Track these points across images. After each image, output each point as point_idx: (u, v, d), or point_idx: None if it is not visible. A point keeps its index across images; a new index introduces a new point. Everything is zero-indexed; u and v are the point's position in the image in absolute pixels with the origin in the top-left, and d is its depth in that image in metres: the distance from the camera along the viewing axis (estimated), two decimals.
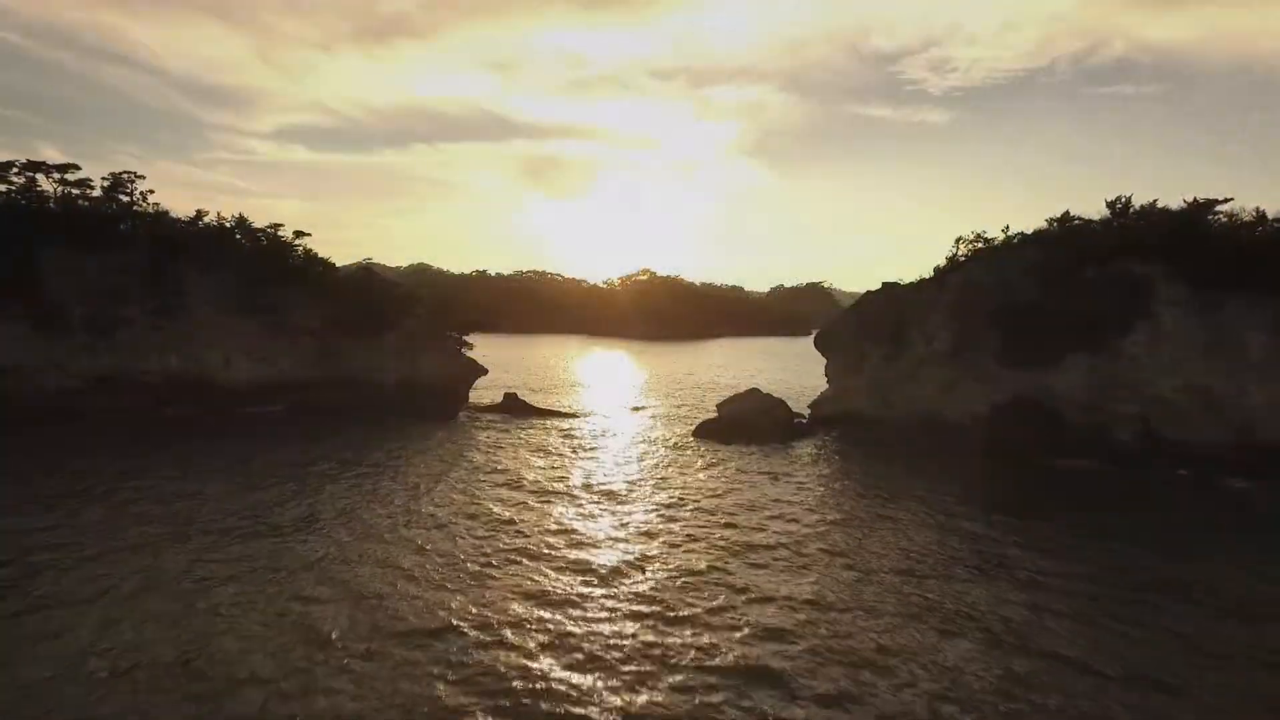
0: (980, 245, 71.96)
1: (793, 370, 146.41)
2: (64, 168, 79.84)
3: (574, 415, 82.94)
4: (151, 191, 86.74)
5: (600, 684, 24.66)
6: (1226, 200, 58.30)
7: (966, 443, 64.49)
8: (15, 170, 78.18)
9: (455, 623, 28.77)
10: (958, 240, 73.19)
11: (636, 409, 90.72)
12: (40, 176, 79.07)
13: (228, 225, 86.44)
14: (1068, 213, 65.02)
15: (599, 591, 31.86)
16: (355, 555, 35.96)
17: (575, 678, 25.01)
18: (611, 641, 27.44)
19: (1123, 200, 63.00)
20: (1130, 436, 59.14)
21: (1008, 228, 70.58)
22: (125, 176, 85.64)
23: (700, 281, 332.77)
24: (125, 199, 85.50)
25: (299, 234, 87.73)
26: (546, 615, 29.73)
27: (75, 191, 79.93)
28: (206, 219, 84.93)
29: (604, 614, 29.77)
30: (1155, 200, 63.62)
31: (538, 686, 24.40)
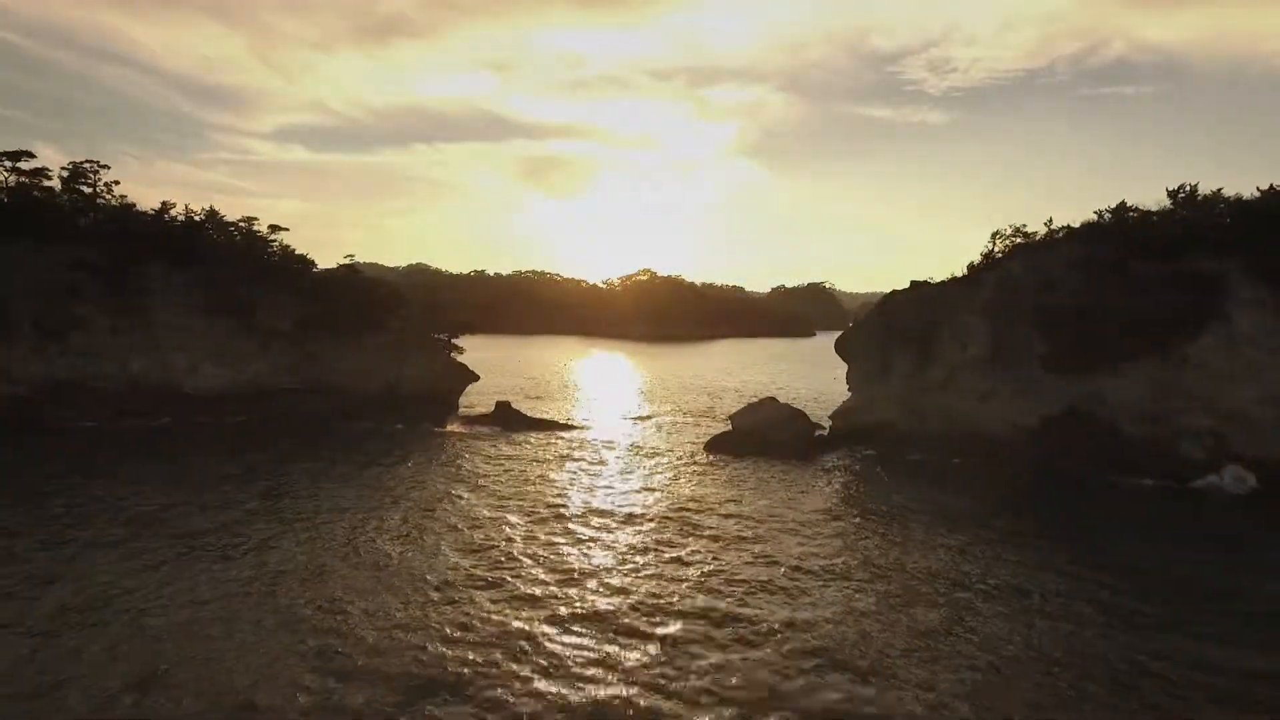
0: (1020, 240, 65.39)
1: (801, 374, 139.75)
2: (16, 155, 73.24)
3: (572, 427, 76.27)
4: (117, 183, 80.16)
5: None
6: None
7: (1010, 458, 57.95)
8: None
9: None
10: (994, 235, 66.58)
11: (640, 418, 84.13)
12: None
13: (198, 219, 79.89)
14: (1124, 203, 58.40)
15: (618, 694, 24.43)
16: (322, 617, 29.38)
17: None
18: None
19: (1185, 189, 56.44)
20: (1200, 452, 52.60)
21: (1050, 221, 64.08)
22: (86, 166, 79.07)
23: (701, 282, 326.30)
24: (87, 190, 79.08)
25: (275, 228, 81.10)
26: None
27: (28, 181, 73.36)
28: (174, 211, 78.41)
29: None
30: (1220, 189, 57.19)
31: None
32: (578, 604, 30.72)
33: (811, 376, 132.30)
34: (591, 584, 33.00)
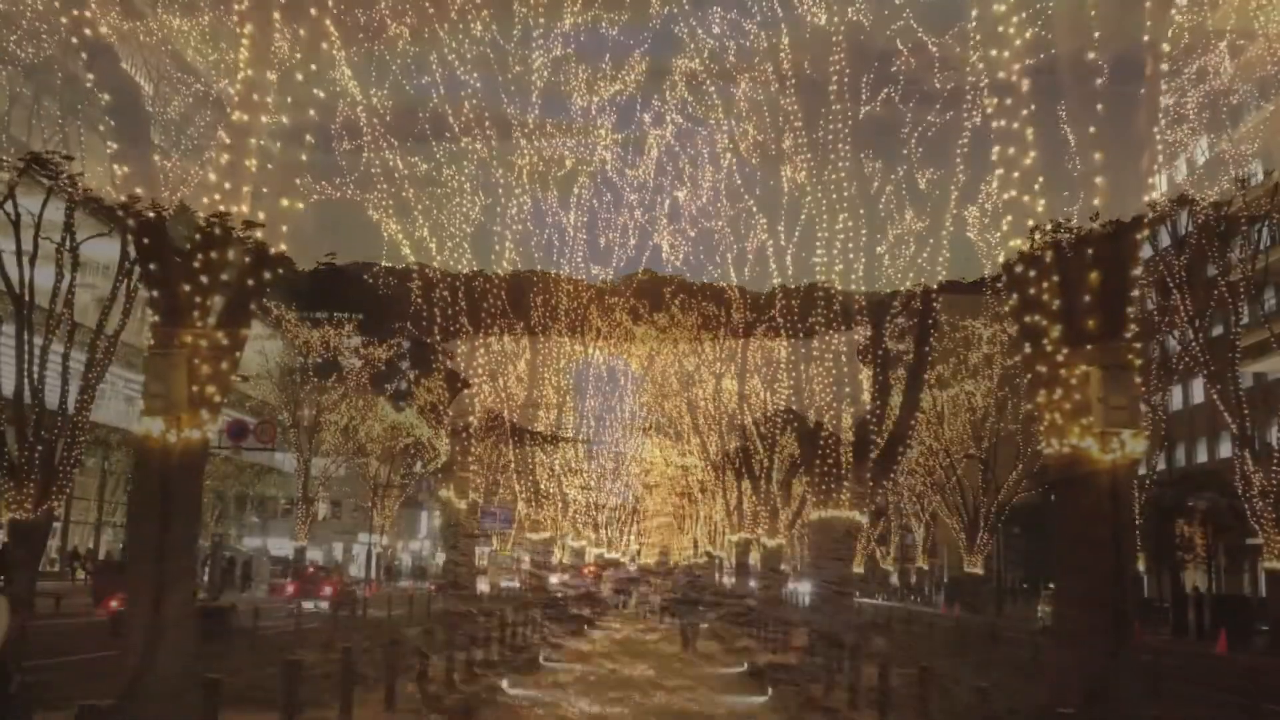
0: (1062, 235, 59.54)
1: (809, 378, 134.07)
2: None
3: (570, 439, 70.71)
4: (82, 174, 74.87)
5: None
6: None
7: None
8: None
9: None
10: (1033, 230, 60.59)
11: (643, 428, 78.57)
12: None
13: (166, 213, 74.39)
14: (1184, 195, 52.21)
15: None
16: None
17: None
18: None
19: (1249, 172, 50.30)
20: None
21: (1096, 215, 58.12)
22: (48, 155, 73.64)
23: (701, 282, 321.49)
24: (48, 182, 73.61)
25: (250, 224, 75.20)
26: None
27: None
28: (139, 206, 72.92)
29: None
30: (1272, 171, 51.13)
31: None
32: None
33: (821, 380, 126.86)
34: (605, 676, 25.91)
